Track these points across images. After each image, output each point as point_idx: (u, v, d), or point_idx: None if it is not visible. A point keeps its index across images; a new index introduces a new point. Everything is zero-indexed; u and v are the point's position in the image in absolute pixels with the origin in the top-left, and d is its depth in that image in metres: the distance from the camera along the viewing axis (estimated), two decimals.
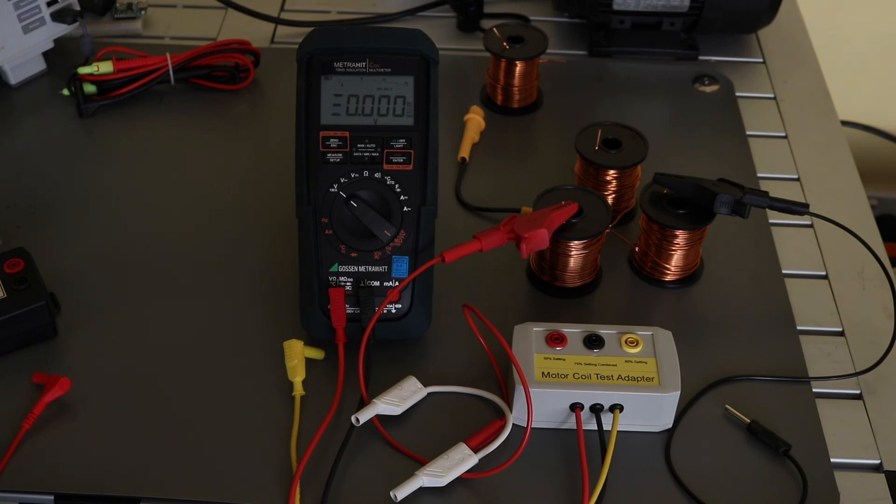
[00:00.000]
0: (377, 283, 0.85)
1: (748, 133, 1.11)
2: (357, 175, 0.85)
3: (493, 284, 0.93)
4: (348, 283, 0.85)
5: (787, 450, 0.81)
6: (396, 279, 0.86)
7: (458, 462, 0.78)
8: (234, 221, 0.99)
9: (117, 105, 1.10)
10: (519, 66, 1.09)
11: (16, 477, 0.79)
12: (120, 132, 1.08)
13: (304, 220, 0.85)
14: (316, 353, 0.86)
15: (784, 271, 0.96)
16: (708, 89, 1.16)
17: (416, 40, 0.87)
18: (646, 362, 0.82)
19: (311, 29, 0.90)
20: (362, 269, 0.85)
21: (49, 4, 1.10)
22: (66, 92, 1.09)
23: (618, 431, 0.80)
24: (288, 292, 0.91)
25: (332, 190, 0.85)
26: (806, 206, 0.89)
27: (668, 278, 0.94)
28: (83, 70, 1.08)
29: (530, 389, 0.79)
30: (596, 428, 0.81)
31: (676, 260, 0.93)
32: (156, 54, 1.11)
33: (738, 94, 1.16)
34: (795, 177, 1.07)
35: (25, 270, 0.87)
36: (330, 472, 0.78)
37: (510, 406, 0.82)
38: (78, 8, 1.13)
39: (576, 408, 0.81)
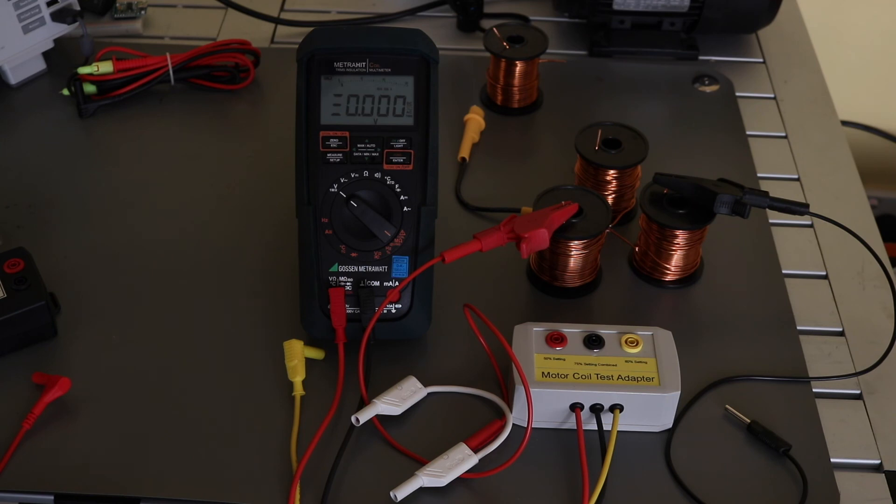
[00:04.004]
0: (377, 283, 0.85)
1: (748, 133, 1.11)
2: (357, 175, 0.85)
3: (493, 284, 0.93)
4: (348, 283, 0.85)
5: (787, 450, 0.81)
6: (396, 279, 0.86)
7: (458, 462, 0.78)
8: (235, 221, 0.99)
9: (117, 105, 1.10)
10: (519, 66, 1.09)
11: (16, 477, 0.79)
12: (120, 132, 1.08)
13: (304, 220, 0.85)
14: (316, 353, 0.86)
15: (784, 271, 0.96)
16: (708, 89, 1.16)
17: (416, 40, 0.87)
18: (646, 362, 0.82)
19: (311, 29, 0.90)
20: (362, 269, 0.85)
21: (49, 4, 1.10)
22: (66, 92, 1.09)
23: (618, 431, 0.80)
24: (288, 292, 0.91)
25: (332, 190, 0.85)
26: (806, 206, 0.89)
27: (668, 278, 0.94)
28: (83, 70, 1.08)
29: (530, 389, 0.79)
30: (596, 428, 0.81)
31: (676, 260, 0.93)
32: (156, 54, 1.11)
33: (738, 94, 1.16)
34: (795, 177, 1.07)
35: (25, 270, 0.87)
36: (330, 472, 0.78)
37: (510, 406, 0.82)
38: (78, 8, 1.13)
39: (576, 408, 0.81)
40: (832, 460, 0.82)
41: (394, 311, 0.86)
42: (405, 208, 0.85)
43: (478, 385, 0.85)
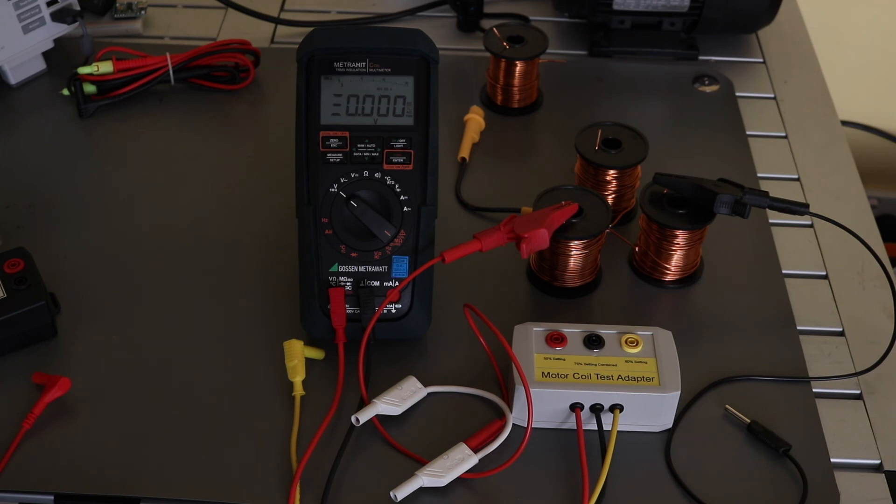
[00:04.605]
0: (377, 283, 0.85)
1: (748, 133, 1.11)
2: (357, 175, 0.85)
3: (493, 284, 0.93)
4: (348, 283, 0.85)
5: (787, 450, 0.81)
6: (396, 279, 0.86)
7: (458, 462, 0.78)
8: (235, 221, 0.99)
9: (117, 105, 1.10)
10: (519, 66, 1.09)
11: (16, 477, 0.79)
12: (120, 132, 1.08)
13: (304, 220, 0.85)
14: (316, 353, 0.86)
15: (784, 271, 0.96)
16: (708, 89, 1.16)
17: (416, 40, 0.87)
18: (646, 362, 0.82)
19: (311, 29, 0.91)
20: (362, 269, 0.85)
21: (49, 4, 1.10)
22: (66, 92, 1.09)
23: (618, 431, 0.80)
24: (288, 292, 0.91)
25: (332, 190, 0.85)
26: (806, 206, 0.89)
27: (668, 278, 0.94)
28: (83, 70, 1.08)
29: (530, 389, 0.79)
30: (596, 428, 0.81)
31: (676, 260, 0.93)
32: (156, 54, 1.11)
33: (738, 94, 1.16)
34: (795, 177, 1.07)
35: (25, 270, 0.87)
36: (330, 472, 0.78)
37: (510, 406, 0.82)
38: (78, 8, 1.13)
39: (576, 408, 0.81)
40: (832, 460, 0.82)
41: (394, 311, 0.86)
42: (405, 208, 0.85)
43: (478, 385, 0.85)
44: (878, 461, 0.82)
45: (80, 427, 0.82)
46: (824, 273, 0.97)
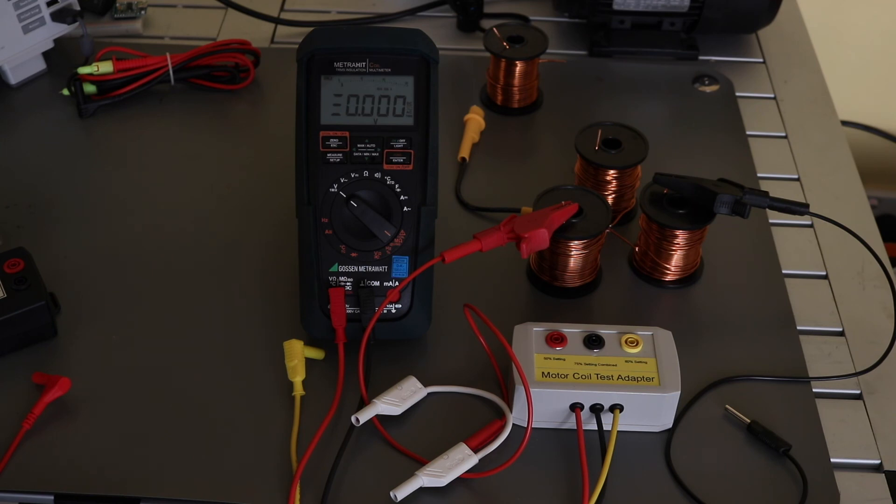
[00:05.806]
0: (377, 283, 0.85)
1: (748, 133, 1.11)
2: (357, 175, 0.85)
3: (493, 284, 0.93)
4: (348, 283, 0.85)
5: (787, 450, 0.81)
6: (396, 279, 0.86)
7: (458, 462, 0.78)
8: (235, 221, 0.99)
9: (117, 105, 1.10)
10: (519, 66, 1.09)
11: (16, 477, 0.79)
12: (120, 132, 1.08)
13: (304, 220, 0.85)
14: (316, 353, 0.86)
15: (784, 271, 0.96)
16: (708, 89, 1.16)
17: (416, 40, 0.87)
18: (646, 362, 0.82)
19: (311, 29, 0.91)
20: (362, 269, 0.85)
21: (49, 4, 1.10)
22: (66, 92, 1.09)
23: (618, 431, 0.80)
24: (288, 292, 0.91)
25: (332, 190, 0.85)
26: (806, 206, 0.89)
27: (668, 278, 0.94)
28: (83, 70, 1.08)
29: (530, 389, 0.79)
30: (596, 428, 0.81)
31: (676, 260, 0.93)
32: (156, 54, 1.11)
33: (738, 94, 1.16)
34: (795, 177, 1.07)
35: (25, 270, 0.87)
36: (330, 472, 0.78)
37: (510, 406, 0.82)
38: (78, 8, 1.13)
39: (576, 408, 0.81)
40: (832, 460, 0.82)
41: (394, 311, 0.86)
42: (405, 208, 0.85)
43: (478, 385, 0.85)
44: (878, 461, 0.82)
45: (80, 427, 0.82)
46: (824, 273, 0.97)
